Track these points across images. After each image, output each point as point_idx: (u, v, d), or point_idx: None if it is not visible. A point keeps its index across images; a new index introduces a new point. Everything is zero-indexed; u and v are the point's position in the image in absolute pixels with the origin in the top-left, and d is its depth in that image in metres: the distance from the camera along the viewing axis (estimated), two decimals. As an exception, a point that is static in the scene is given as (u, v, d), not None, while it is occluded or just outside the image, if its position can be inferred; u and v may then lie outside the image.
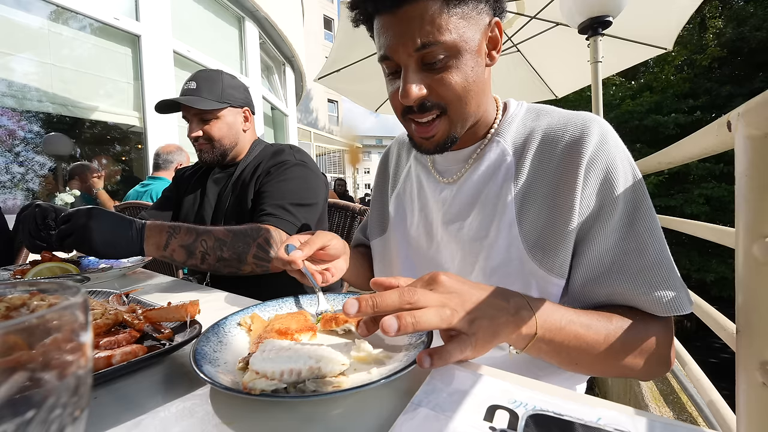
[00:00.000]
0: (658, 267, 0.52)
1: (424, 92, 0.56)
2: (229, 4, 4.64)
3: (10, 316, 0.25)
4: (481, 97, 0.60)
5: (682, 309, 0.51)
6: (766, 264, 0.40)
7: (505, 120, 0.65)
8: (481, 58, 0.57)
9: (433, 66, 0.55)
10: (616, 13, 1.98)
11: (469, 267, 0.63)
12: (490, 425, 0.31)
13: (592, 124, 0.57)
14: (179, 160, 2.47)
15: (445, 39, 0.52)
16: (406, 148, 0.82)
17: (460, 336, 0.40)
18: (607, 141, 0.56)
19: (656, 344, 0.51)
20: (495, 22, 0.58)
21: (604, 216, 0.54)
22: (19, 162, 2.79)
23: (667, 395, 1.31)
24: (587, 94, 8.02)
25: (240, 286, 0.90)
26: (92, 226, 0.75)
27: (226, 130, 1.17)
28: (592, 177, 0.55)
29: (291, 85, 7.05)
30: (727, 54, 9.28)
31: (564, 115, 0.61)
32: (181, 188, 1.34)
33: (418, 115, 0.58)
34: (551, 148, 0.59)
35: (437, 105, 0.57)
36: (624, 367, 0.51)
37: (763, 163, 0.40)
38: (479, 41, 0.56)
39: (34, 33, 2.76)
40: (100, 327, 0.49)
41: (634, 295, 0.52)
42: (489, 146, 0.64)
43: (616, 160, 0.55)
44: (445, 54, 0.54)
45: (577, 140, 0.56)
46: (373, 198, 0.87)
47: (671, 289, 0.51)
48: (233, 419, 0.34)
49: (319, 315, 0.56)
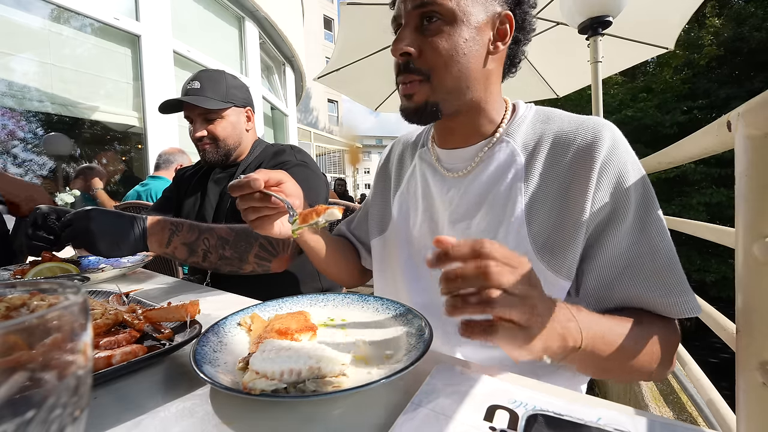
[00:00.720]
0: (671, 270, 0.52)
1: (410, 49, 0.57)
2: (229, 4, 4.64)
3: (10, 316, 0.25)
4: (470, 78, 0.59)
5: (694, 311, 0.51)
6: (766, 264, 0.40)
7: (515, 121, 0.65)
8: (480, 38, 0.58)
9: (428, 28, 0.57)
10: (616, 13, 1.98)
11: None
12: (490, 425, 0.31)
13: (604, 129, 0.58)
14: (180, 161, 2.47)
15: (444, 2, 0.55)
16: (410, 148, 0.82)
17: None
18: (618, 146, 0.56)
19: (671, 346, 0.51)
20: (506, 14, 0.59)
21: (616, 220, 0.54)
22: (19, 162, 2.79)
23: (667, 395, 1.31)
24: (588, 94, 8.02)
25: (240, 286, 0.90)
26: (94, 228, 0.75)
27: (231, 130, 1.17)
28: (605, 181, 0.55)
29: (291, 85, 7.05)
30: (726, 54, 9.28)
31: (575, 120, 0.61)
32: (182, 188, 1.34)
33: (404, 76, 0.59)
34: (563, 151, 0.59)
35: (420, 70, 0.58)
36: (641, 371, 0.51)
37: (763, 163, 0.40)
38: (482, 22, 0.57)
39: (34, 33, 2.76)
40: (100, 327, 0.49)
41: (650, 298, 0.52)
42: (498, 146, 0.64)
43: (628, 165, 0.56)
44: (440, 18, 0.56)
45: (590, 145, 0.57)
46: (372, 197, 0.87)
47: (684, 291, 0.51)
48: (233, 419, 0.34)
49: (294, 216, 0.56)
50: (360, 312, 0.57)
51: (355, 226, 0.92)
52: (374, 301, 0.58)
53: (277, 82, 6.62)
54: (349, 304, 0.59)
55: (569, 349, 0.42)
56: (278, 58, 6.52)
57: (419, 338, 0.45)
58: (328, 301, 0.61)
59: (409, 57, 0.58)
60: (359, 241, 0.90)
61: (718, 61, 9.51)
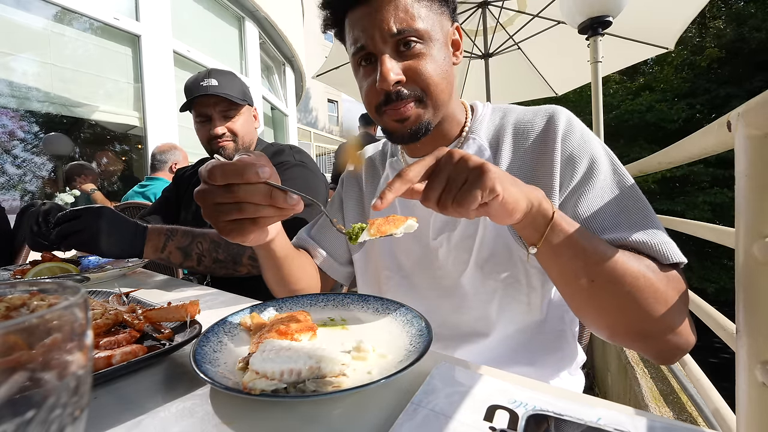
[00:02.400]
0: (652, 214, 0.55)
1: (401, 77, 0.58)
2: (229, 4, 4.64)
3: (10, 316, 0.25)
4: (452, 90, 0.64)
5: (681, 256, 0.51)
6: (766, 264, 0.40)
7: (476, 119, 0.69)
8: (447, 52, 0.62)
9: (408, 53, 0.58)
10: (615, 13, 1.98)
11: (462, 264, 0.66)
12: (490, 425, 0.31)
13: (559, 111, 0.63)
14: (174, 160, 2.47)
15: (418, 26, 0.57)
16: (378, 157, 0.82)
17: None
18: (573, 123, 0.62)
19: (676, 291, 0.49)
20: (456, 26, 0.65)
21: (592, 176, 0.57)
22: (18, 162, 2.79)
23: (667, 395, 1.30)
24: (587, 93, 8.02)
25: (240, 286, 0.90)
26: (101, 226, 0.78)
27: (248, 127, 1.19)
28: (569, 144, 0.59)
29: (291, 85, 7.05)
30: (726, 54, 9.29)
31: (530, 110, 0.67)
32: (182, 188, 1.34)
33: (395, 104, 0.59)
34: (524, 137, 0.64)
35: (413, 92, 0.59)
36: (644, 306, 0.48)
37: (763, 163, 0.40)
38: (444, 37, 0.62)
39: (34, 33, 2.76)
40: (100, 327, 0.49)
41: (643, 239, 0.51)
42: (466, 145, 0.67)
43: (586, 134, 0.61)
44: (419, 41, 0.58)
45: (548, 125, 0.62)
46: (346, 208, 0.82)
47: (668, 238, 0.52)
48: (233, 419, 0.34)
49: (362, 224, 0.47)
50: (360, 312, 0.57)
51: (315, 232, 0.82)
52: (374, 301, 0.58)
53: (277, 82, 6.62)
54: (349, 304, 0.59)
55: (542, 215, 0.47)
56: (278, 58, 6.52)
57: (419, 338, 0.45)
58: (328, 301, 0.61)
59: (399, 85, 0.59)
60: (328, 253, 0.80)
61: (718, 62, 9.52)
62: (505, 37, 3.23)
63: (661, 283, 0.49)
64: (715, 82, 9.33)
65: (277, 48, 6.25)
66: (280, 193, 0.42)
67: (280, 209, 0.43)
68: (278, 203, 0.42)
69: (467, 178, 0.42)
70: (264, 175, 0.41)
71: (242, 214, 0.43)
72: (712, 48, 9.32)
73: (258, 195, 0.42)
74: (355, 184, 0.83)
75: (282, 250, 0.64)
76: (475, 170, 0.42)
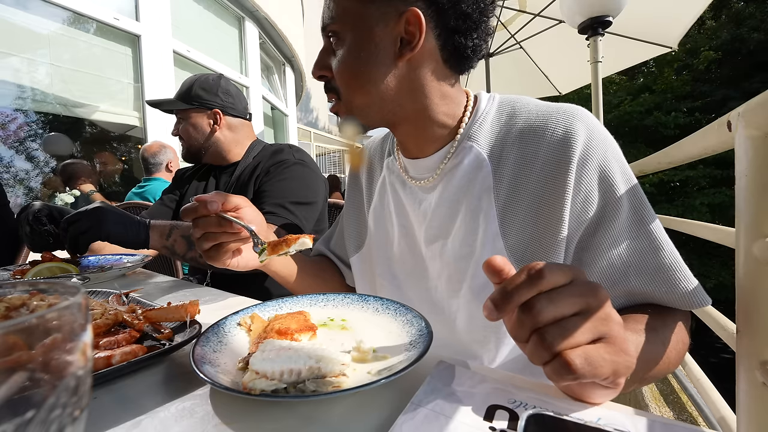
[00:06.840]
0: (676, 261, 0.49)
1: (322, 71, 0.58)
2: (229, 4, 4.64)
3: (10, 316, 0.25)
4: (387, 88, 0.54)
5: (705, 300, 0.49)
6: (766, 264, 0.40)
7: (476, 119, 0.59)
8: (383, 49, 0.53)
9: (332, 49, 0.57)
10: (616, 13, 1.98)
11: (456, 285, 0.60)
12: (490, 425, 0.31)
13: (576, 120, 0.52)
14: (168, 159, 2.48)
15: (334, 21, 0.54)
16: (377, 156, 0.77)
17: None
18: (594, 137, 0.51)
19: (683, 346, 0.49)
20: (410, 15, 0.51)
21: (607, 218, 0.50)
22: (18, 162, 2.79)
23: (667, 395, 1.31)
24: (585, 92, 8.02)
25: (240, 286, 0.90)
26: (105, 220, 0.82)
27: (195, 132, 1.22)
28: (585, 179, 0.50)
29: (291, 85, 7.04)
30: (724, 55, 9.30)
31: (543, 110, 0.55)
32: (182, 189, 1.34)
33: (328, 95, 0.60)
34: (533, 149, 0.53)
35: (335, 89, 0.58)
36: (669, 367, 0.48)
37: (763, 163, 0.40)
38: (381, 31, 0.52)
39: (34, 33, 2.76)
40: (100, 327, 0.49)
41: (660, 294, 0.49)
42: (461, 151, 0.59)
43: (608, 156, 0.51)
44: (336, 38, 0.55)
45: (562, 140, 0.51)
46: (346, 211, 0.82)
47: (691, 281, 0.49)
48: (233, 419, 0.34)
49: (262, 246, 0.51)
50: (360, 312, 0.57)
51: (334, 243, 0.86)
52: (374, 301, 0.58)
53: (277, 82, 6.62)
54: (349, 304, 0.59)
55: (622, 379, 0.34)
56: (278, 58, 6.51)
57: (419, 338, 0.45)
58: (328, 301, 0.61)
59: (325, 79, 0.58)
60: (340, 260, 0.84)
61: (717, 63, 9.53)
62: (507, 36, 3.23)
63: (681, 343, 0.49)
64: (714, 83, 9.35)
65: (277, 48, 6.24)
66: (228, 222, 0.51)
67: (234, 234, 0.52)
68: (229, 230, 0.51)
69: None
70: (213, 208, 0.49)
71: (208, 243, 0.52)
72: (706, 50, 9.33)
73: (212, 225, 0.51)
74: (356, 186, 0.81)
75: (284, 269, 0.70)
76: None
